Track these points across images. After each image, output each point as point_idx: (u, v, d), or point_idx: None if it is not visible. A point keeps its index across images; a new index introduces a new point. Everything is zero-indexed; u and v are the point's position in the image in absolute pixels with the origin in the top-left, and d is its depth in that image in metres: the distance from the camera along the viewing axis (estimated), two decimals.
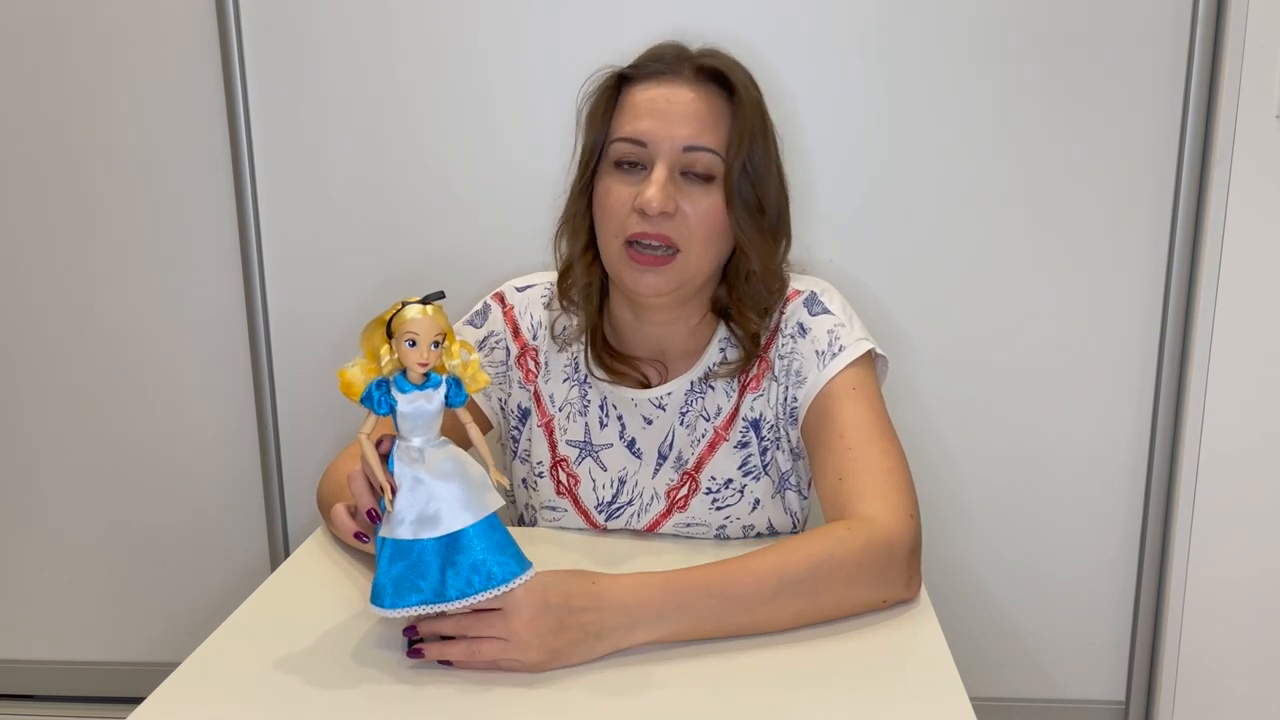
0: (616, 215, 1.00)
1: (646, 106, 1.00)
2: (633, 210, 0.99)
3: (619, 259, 1.01)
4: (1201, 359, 1.41)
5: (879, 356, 1.07)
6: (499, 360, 1.14)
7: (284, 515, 1.58)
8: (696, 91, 1.00)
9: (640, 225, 0.99)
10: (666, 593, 0.84)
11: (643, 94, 1.01)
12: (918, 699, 0.78)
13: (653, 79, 1.01)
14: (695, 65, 1.01)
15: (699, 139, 0.98)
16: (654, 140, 0.98)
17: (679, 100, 0.99)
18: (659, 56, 1.02)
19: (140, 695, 0.78)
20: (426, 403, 0.78)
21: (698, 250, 1.00)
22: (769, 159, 1.03)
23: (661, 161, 0.98)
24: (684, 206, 0.98)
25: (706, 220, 0.99)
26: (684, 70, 1.01)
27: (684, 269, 1.00)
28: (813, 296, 1.07)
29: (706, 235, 1.00)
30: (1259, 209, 1.36)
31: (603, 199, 1.01)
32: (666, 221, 0.98)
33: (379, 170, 1.45)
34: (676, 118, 0.98)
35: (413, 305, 0.76)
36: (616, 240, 1.01)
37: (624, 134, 1.00)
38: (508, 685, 0.80)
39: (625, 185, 1.00)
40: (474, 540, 0.79)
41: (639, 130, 0.99)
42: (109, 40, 1.44)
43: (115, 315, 1.54)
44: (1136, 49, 1.35)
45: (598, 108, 1.03)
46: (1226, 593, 1.47)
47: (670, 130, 0.98)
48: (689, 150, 0.98)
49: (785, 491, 1.10)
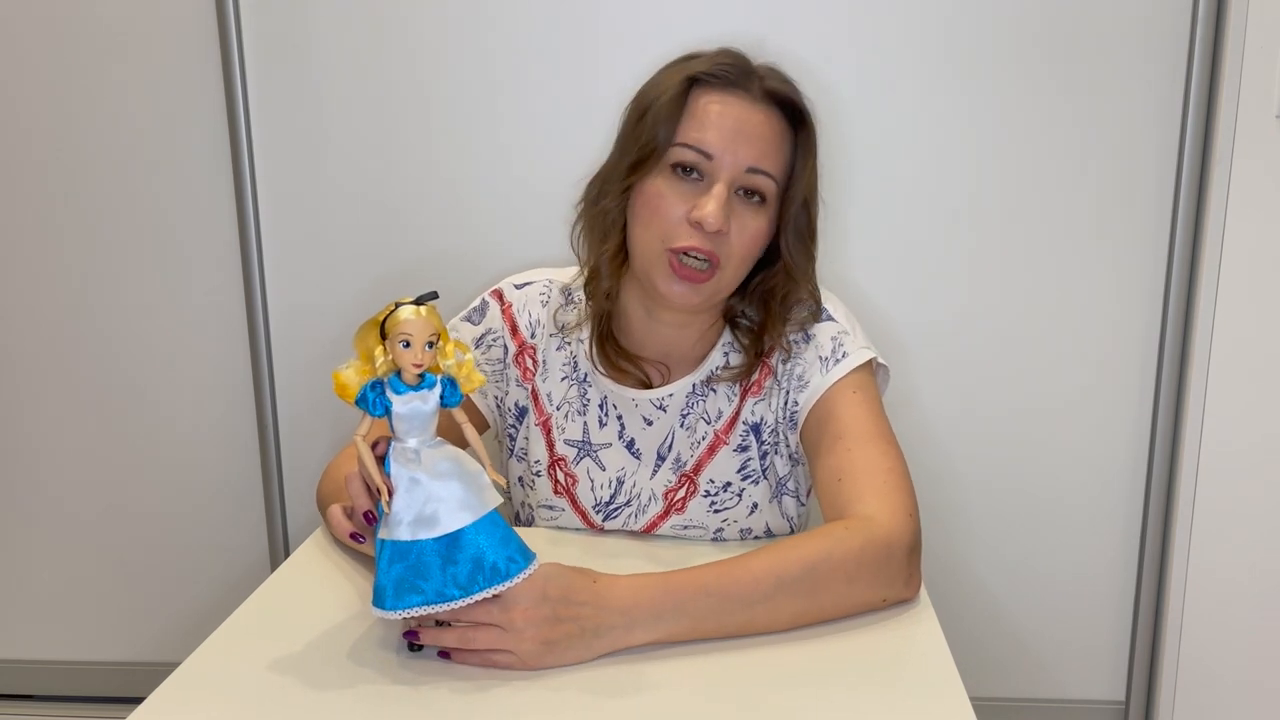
0: (666, 221, 0.98)
1: (717, 118, 0.98)
2: (685, 220, 0.97)
3: (656, 263, 0.99)
4: (1201, 359, 1.41)
5: (880, 366, 1.07)
6: (496, 358, 1.13)
7: (284, 515, 1.58)
8: (766, 113, 0.99)
9: (690, 239, 0.97)
10: (665, 593, 0.84)
11: (714, 105, 0.98)
12: (918, 699, 0.78)
13: (724, 90, 0.99)
14: (765, 87, 1.00)
15: (762, 162, 0.98)
16: (719, 154, 0.97)
17: (750, 120, 0.98)
18: (729, 66, 1.00)
19: (140, 695, 0.78)
20: (422, 403, 0.78)
21: (734, 268, 1.01)
22: (816, 187, 1.04)
23: (724, 178, 0.97)
24: (732, 224, 0.98)
25: (750, 242, 1.00)
26: (754, 88, 0.99)
27: (718, 286, 1.01)
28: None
29: (745, 255, 1.00)
30: (1259, 209, 1.36)
31: (654, 201, 0.99)
32: (718, 238, 0.98)
33: (378, 169, 1.45)
34: (745, 136, 0.97)
35: (406, 306, 0.76)
36: (660, 245, 0.99)
37: (690, 141, 0.98)
38: (505, 685, 0.80)
39: (678, 193, 0.98)
40: (475, 538, 0.79)
41: (706, 141, 0.97)
42: (109, 40, 1.44)
43: (115, 314, 1.54)
44: (1136, 49, 1.35)
45: (664, 107, 0.98)
46: (1226, 593, 1.47)
47: (736, 148, 0.97)
48: (751, 172, 0.98)
49: (783, 496, 1.10)
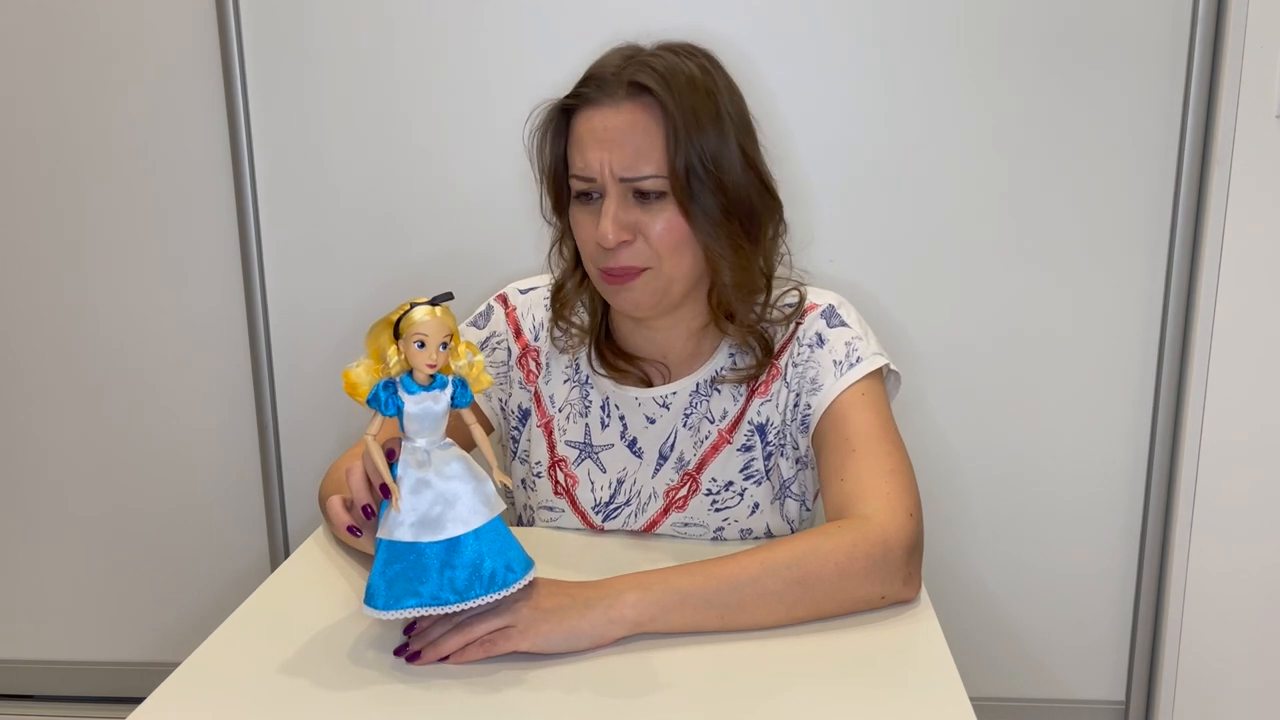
0: (586, 246, 1.02)
1: (588, 138, 0.98)
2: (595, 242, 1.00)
3: (598, 283, 1.04)
4: (1201, 358, 1.41)
5: (892, 372, 1.08)
6: (500, 361, 1.14)
7: (284, 515, 1.58)
8: (630, 112, 0.97)
9: (605, 259, 1.00)
10: (652, 573, 0.88)
11: (583, 124, 0.99)
12: (918, 699, 0.78)
13: (590, 105, 0.99)
14: (628, 81, 0.97)
15: (635, 167, 0.96)
16: (597, 172, 0.98)
17: (613, 127, 0.97)
18: (597, 77, 0.99)
19: (140, 695, 0.78)
20: (433, 404, 0.78)
21: (669, 263, 1.00)
22: (727, 157, 0.98)
23: (610, 193, 0.98)
24: (643, 226, 0.98)
25: (667, 236, 0.98)
26: (618, 90, 0.97)
27: (658, 280, 1.01)
28: (831, 310, 1.08)
29: (672, 246, 0.99)
30: (1259, 209, 1.36)
31: (576, 231, 1.03)
32: (627, 249, 0.99)
33: (378, 169, 1.45)
34: (610, 145, 0.97)
35: (421, 306, 0.76)
36: (593, 267, 1.03)
37: (574, 170, 1.00)
38: (507, 686, 0.80)
39: (588, 216, 1.00)
40: (475, 544, 0.79)
41: (583, 164, 0.98)
42: (109, 40, 1.44)
43: (115, 315, 1.54)
44: (1136, 49, 1.35)
45: (544, 140, 1.03)
46: (1227, 591, 1.47)
47: (609, 160, 0.97)
48: (628, 179, 0.97)
49: (786, 499, 1.10)
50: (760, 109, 1.06)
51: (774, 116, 1.06)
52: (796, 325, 1.07)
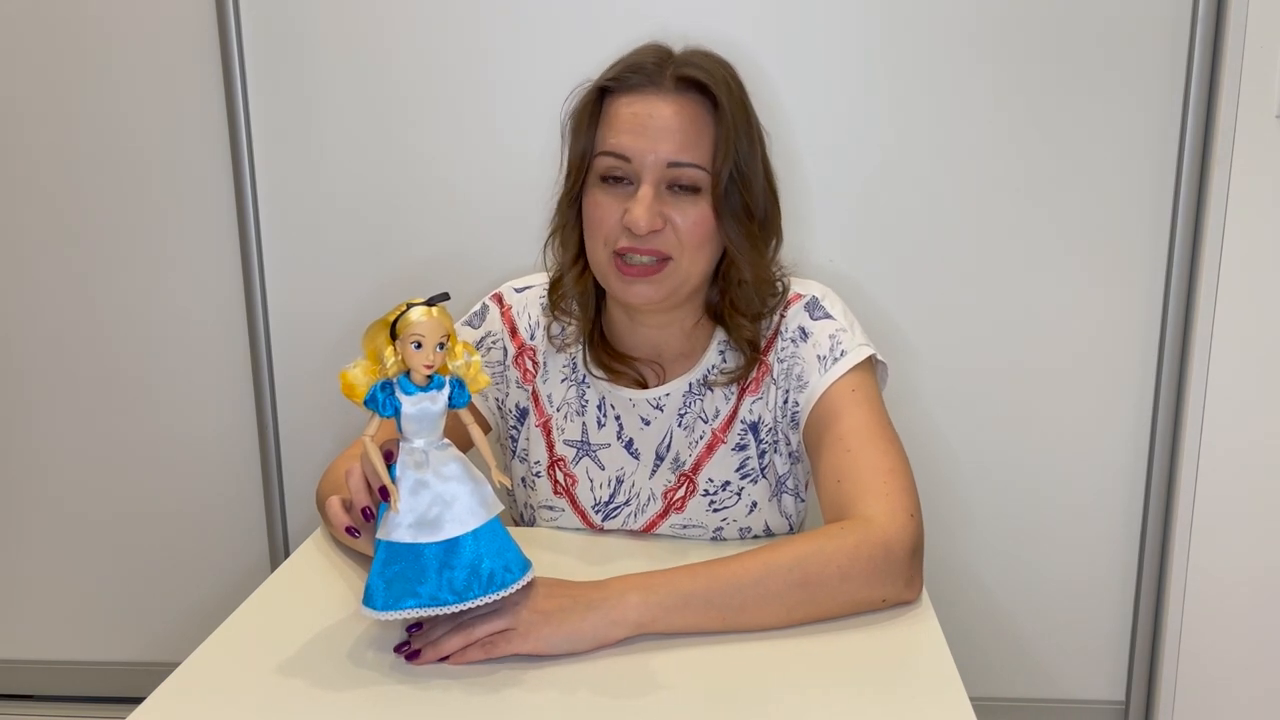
0: (604, 227, 1.00)
1: (629, 121, 0.98)
2: (621, 225, 0.99)
3: (607, 269, 1.02)
4: (1201, 359, 1.41)
5: (879, 362, 1.07)
6: (496, 360, 1.14)
7: (284, 515, 1.58)
8: (679, 104, 0.98)
9: (628, 240, 0.99)
10: (654, 573, 0.88)
11: (625, 108, 0.99)
12: (918, 699, 0.78)
13: (633, 91, 0.99)
14: (676, 75, 0.99)
15: (681, 154, 0.98)
16: (637, 156, 0.98)
17: (660, 114, 0.98)
18: (639, 66, 1.00)
19: (140, 695, 0.78)
20: (431, 404, 0.78)
21: (689, 257, 1.00)
22: (755, 161, 1.01)
23: (647, 178, 0.98)
24: (673, 218, 0.99)
25: (696, 230, 0.99)
26: (664, 81, 0.99)
27: (675, 276, 1.01)
28: (814, 301, 1.07)
29: (697, 243, 1.00)
30: (1259, 209, 1.36)
31: (591, 212, 1.01)
32: (655, 236, 0.99)
33: (379, 170, 1.45)
34: (658, 132, 0.97)
35: (418, 307, 0.76)
36: (605, 250, 1.01)
37: (608, 148, 0.99)
38: (507, 686, 0.80)
39: (612, 199, 1.00)
40: (474, 545, 0.79)
41: (622, 145, 0.98)
42: (109, 40, 1.44)
43: (115, 315, 1.54)
44: (1136, 49, 1.35)
45: (580, 121, 1.02)
46: (1226, 592, 1.47)
47: (653, 146, 0.97)
48: (673, 166, 0.98)
49: (782, 495, 1.10)
50: (761, 108, 1.06)
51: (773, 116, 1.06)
52: (780, 319, 1.07)
